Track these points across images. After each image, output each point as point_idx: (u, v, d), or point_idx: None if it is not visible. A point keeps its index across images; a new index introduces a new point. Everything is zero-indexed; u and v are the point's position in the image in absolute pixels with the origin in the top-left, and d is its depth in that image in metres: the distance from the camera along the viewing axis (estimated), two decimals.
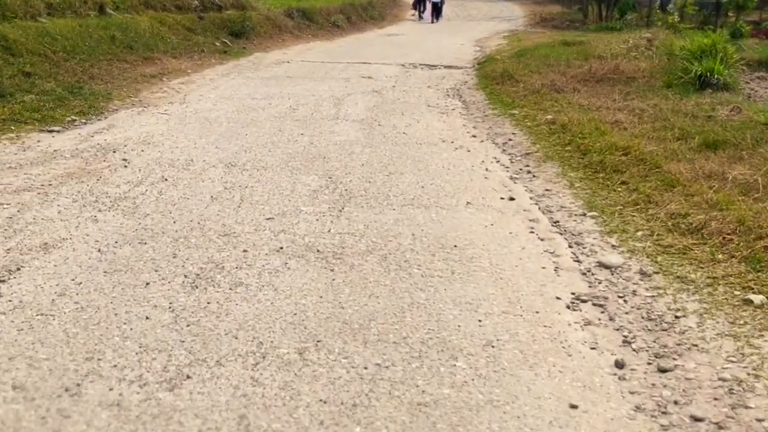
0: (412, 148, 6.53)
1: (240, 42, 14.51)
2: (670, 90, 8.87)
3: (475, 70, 12.73)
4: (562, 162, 5.96)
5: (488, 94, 9.87)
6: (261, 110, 8.26)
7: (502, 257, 3.85)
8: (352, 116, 8.07)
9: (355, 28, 21.12)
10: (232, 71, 11.50)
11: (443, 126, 7.68)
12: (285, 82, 10.48)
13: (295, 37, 16.92)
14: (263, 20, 16.14)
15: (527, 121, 7.69)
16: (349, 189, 5.14)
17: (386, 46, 17.06)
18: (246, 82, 10.45)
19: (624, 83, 9.76)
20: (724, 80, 8.70)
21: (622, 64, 10.57)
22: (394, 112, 8.37)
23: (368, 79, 11.25)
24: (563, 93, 9.17)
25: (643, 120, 7.41)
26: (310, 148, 6.43)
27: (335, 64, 12.91)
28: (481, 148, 6.64)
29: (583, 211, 4.71)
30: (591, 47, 13.85)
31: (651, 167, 5.47)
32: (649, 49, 13.08)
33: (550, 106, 8.29)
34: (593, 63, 10.98)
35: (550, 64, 12.15)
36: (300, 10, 18.53)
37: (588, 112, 7.85)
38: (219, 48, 13.45)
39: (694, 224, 4.18)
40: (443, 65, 13.51)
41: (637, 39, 14.08)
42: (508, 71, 11.03)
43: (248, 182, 5.24)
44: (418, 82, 11.18)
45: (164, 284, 3.37)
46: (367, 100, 9.15)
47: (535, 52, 14.03)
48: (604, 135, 6.54)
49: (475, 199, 4.99)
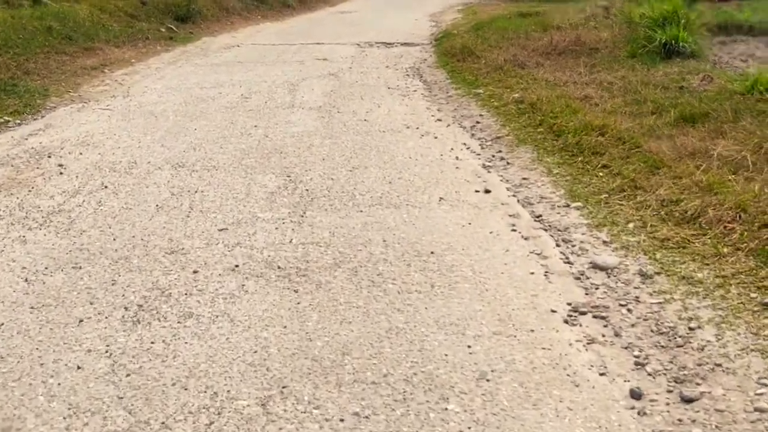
0: (375, 137, 6.09)
1: (187, 27, 13.80)
2: (635, 60, 8.54)
3: (434, 47, 12.27)
4: (537, 146, 5.58)
5: (449, 72, 9.44)
6: (211, 101, 7.71)
7: (485, 263, 3.45)
8: (309, 103, 7.58)
9: (306, 7, 20.42)
10: (179, 58, 10.86)
11: (406, 110, 7.24)
12: (236, 68, 9.90)
13: (244, 19, 16.23)
14: (210, 3, 15.42)
15: (494, 101, 7.29)
16: (310, 189, 4.69)
17: (340, 24, 16.48)
18: (194, 69, 9.85)
19: (587, 55, 9.41)
20: (690, 48, 8.40)
21: (583, 35, 10.22)
22: (353, 97, 7.90)
23: (323, 61, 10.72)
24: (527, 68, 8.79)
25: (613, 94, 7.07)
26: (265, 142, 5.95)
27: (288, 47, 12.33)
28: (449, 134, 6.23)
29: (566, 201, 4.34)
30: (548, 18, 13.47)
31: (631, 147, 5.13)
32: (607, 17, 12.76)
33: (515, 84, 7.90)
34: (553, 35, 10.61)
35: (509, 37, 11.75)
36: None
37: (555, 88, 7.48)
38: (164, 34, 12.74)
39: (689, 212, 3.83)
40: (400, 43, 13.02)
41: (594, 8, 13.76)
42: (468, 47, 10.60)
43: (198, 186, 4.76)
44: (376, 62, 10.69)
45: (101, 320, 2.90)
46: (324, 85, 8.65)
47: (492, 25, 13.61)
48: (577, 113, 6.18)
49: (448, 193, 4.58)
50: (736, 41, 10.67)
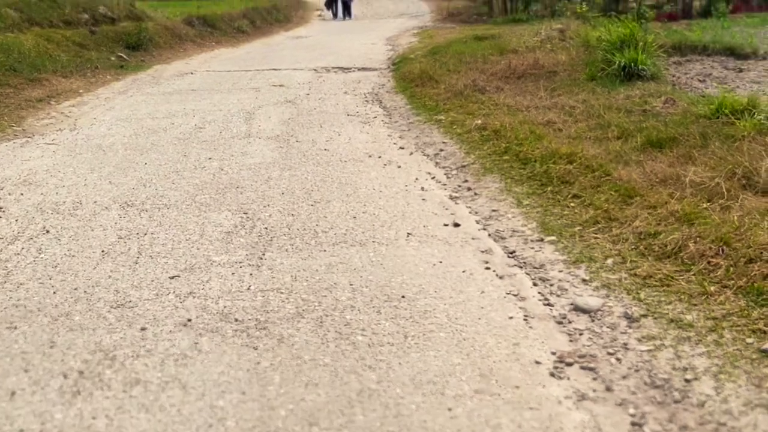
0: (336, 168, 5.85)
1: (138, 55, 13.44)
2: (595, 83, 8.49)
3: (391, 72, 12.13)
4: (503, 174, 5.40)
5: (409, 97, 9.27)
6: (163, 132, 7.39)
7: (461, 307, 3.21)
8: (266, 132, 7.31)
9: (260, 32, 20.20)
10: (129, 87, 10.49)
11: (367, 138, 7.02)
12: (189, 97, 9.58)
13: (197, 45, 15.91)
14: (162, 30, 15.07)
15: (456, 128, 7.11)
16: (269, 227, 4.41)
17: (296, 49, 16.27)
18: (145, 99, 9.50)
19: (546, 78, 9.34)
20: (649, 70, 8.38)
21: (541, 58, 10.17)
22: (311, 125, 7.66)
23: (280, 87, 10.47)
24: (487, 93, 8.66)
25: (576, 118, 6.96)
26: (220, 175, 5.65)
27: (243, 73, 12.06)
28: (412, 162, 6.01)
29: (539, 235, 4.14)
30: (504, 41, 13.50)
31: (600, 175, 4.97)
32: (563, 40, 12.81)
33: (477, 109, 7.75)
34: (511, 58, 10.55)
35: (467, 61, 11.68)
36: (201, 17, 17.49)
37: (517, 113, 7.35)
38: (115, 63, 12.36)
39: (668, 246, 3.66)
40: (357, 67, 12.85)
41: (549, 31, 13.81)
42: (426, 71, 10.46)
43: (148, 227, 4.44)
44: (334, 87, 10.48)
45: (36, 392, 2.57)
46: (281, 112, 8.39)
47: (449, 49, 13.55)
48: (541, 139, 6.03)
49: (416, 228, 4.35)
50: (691, 61, 10.77)
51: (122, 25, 14.31)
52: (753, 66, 9.94)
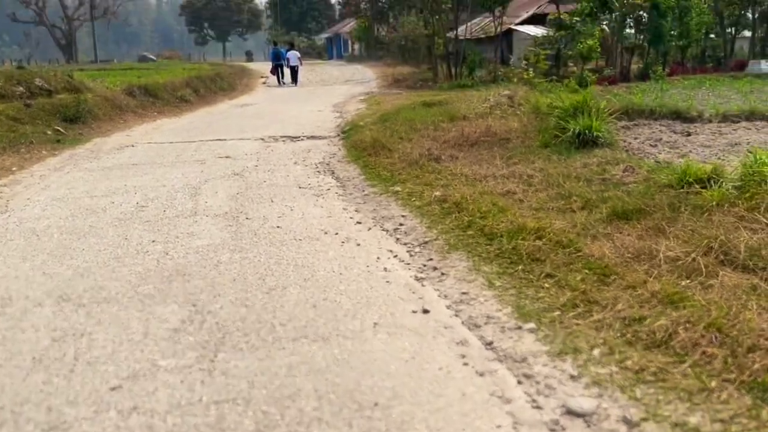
0: (291, 248, 5.50)
1: (76, 128, 12.96)
2: (549, 150, 8.44)
3: (342, 140, 11.94)
4: (470, 252, 5.13)
5: (362, 167, 9.04)
6: (102, 212, 6.94)
7: (442, 415, 2.87)
8: (213, 209, 6.93)
9: (204, 101, 19.94)
10: (66, 163, 10.00)
11: (321, 212, 6.72)
12: (130, 172, 9.16)
13: (138, 116, 15.51)
14: (101, 101, 14.66)
15: (415, 200, 6.87)
16: (220, 321, 4.01)
17: (241, 118, 16.02)
18: (83, 175, 9.03)
19: (499, 145, 9.27)
20: (603, 136, 8.36)
21: (493, 126, 10.13)
22: (261, 200, 7.32)
23: (226, 159, 10.14)
24: (442, 162, 8.50)
25: (536, 188, 6.81)
26: (164, 261, 5.23)
27: (187, 144, 11.69)
28: (372, 239, 5.71)
29: (516, 321, 3.85)
30: (453, 107, 13.53)
31: (572, 251, 4.76)
32: (512, 106, 12.90)
33: (434, 179, 7.54)
34: (463, 126, 10.50)
35: (418, 128, 11.59)
36: (142, 87, 17.15)
37: (476, 183, 7.17)
38: (51, 137, 11.85)
39: (657, 333, 3.41)
40: (306, 136, 12.64)
41: (498, 97, 13.93)
42: (379, 140, 10.29)
43: (85, 326, 3.99)
44: (283, 158, 10.20)
45: None
46: (229, 186, 8.04)
47: (398, 116, 13.50)
48: (505, 212, 5.82)
49: (382, 316, 4.01)
50: (639, 125, 10.89)
51: (60, 97, 13.86)
52: (700, 129, 10.08)
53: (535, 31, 29.33)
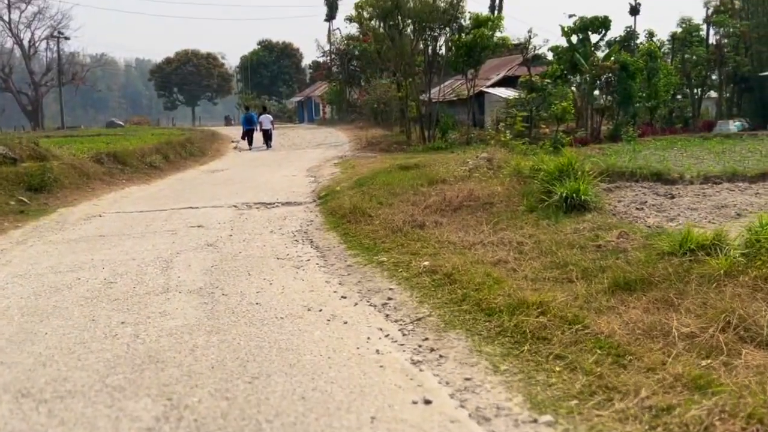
0: (273, 328, 5.08)
1: (41, 197, 12.45)
2: (536, 215, 8.18)
3: (318, 206, 11.62)
4: (469, 330, 4.76)
5: (342, 235, 8.68)
6: (67, 290, 6.46)
7: None
8: (187, 285, 6.50)
9: (174, 167, 19.54)
10: (30, 236, 9.48)
11: (303, 286, 6.32)
12: (98, 244, 8.68)
13: (106, 184, 15.05)
14: (68, 169, 14.20)
15: (402, 271, 6.51)
16: (199, 418, 3.56)
17: (213, 185, 15.65)
18: (48, 249, 8.53)
19: (483, 210, 9.01)
20: (591, 200, 8.14)
21: (475, 189, 9.89)
22: (238, 273, 6.91)
23: (199, 228, 9.73)
24: (427, 228, 8.20)
25: (528, 256, 6.52)
26: (135, 345, 4.77)
27: (157, 213, 11.26)
28: (359, 316, 5.32)
29: (530, 413, 3.47)
30: (431, 170, 13.32)
31: (579, 328, 4.42)
32: (491, 169, 12.73)
33: (420, 248, 7.21)
34: (445, 190, 10.25)
35: (397, 192, 11.34)
36: (111, 154, 16.75)
37: (465, 251, 6.85)
38: (14, 208, 11.33)
39: (691, 427, 3.05)
40: (280, 202, 12.29)
41: (476, 159, 13.79)
42: (357, 206, 9.98)
43: (47, 427, 3.51)
44: (258, 226, 9.82)
45: None
46: (202, 259, 7.62)
47: (375, 180, 13.26)
48: (500, 284, 5.49)
49: (380, 409, 3.60)
50: (620, 187, 10.75)
51: (24, 165, 13.39)
52: (683, 191, 9.96)
53: (506, 93, 29.74)
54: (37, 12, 51.77)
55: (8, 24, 50.75)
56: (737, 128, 25.01)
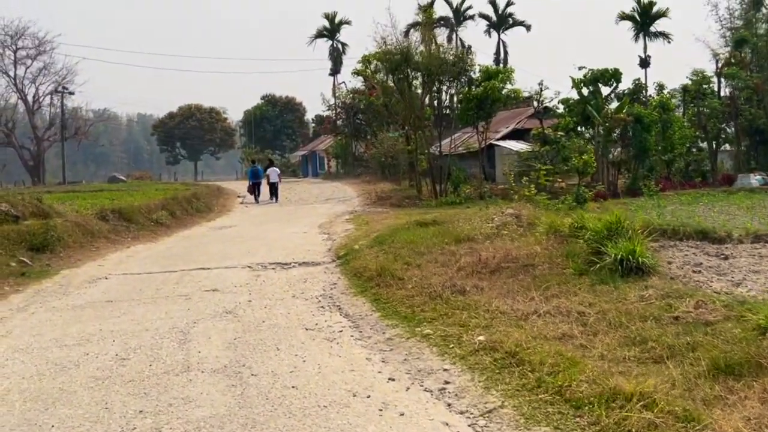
0: (317, 420, 4.32)
1: (44, 257, 11.71)
2: (588, 279, 7.45)
3: (339, 266, 10.88)
4: (558, 429, 3.99)
5: (373, 301, 7.94)
6: (74, 368, 5.72)
7: None
8: (210, 362, 5.75)
9: (181, 224, 18.83)
10: (32, 301, 8.72)
11: (341, 364, 5.56)
12: (106, 312, 7.93)
13: (111, 242, 14.32)
14: (72, 227, 13.49)
15: (453, 347, 5.76)
16: None
17: (223, 242, 14.93)
18: (51, 317, 7.77)
19: (524, 272, 8.29)
20: (648, 262, 7.43)
21: (512, 250, 9.18)
22: (265, 347, 6.16)
23: (214, 292, 8.99)
24: (468, 294, 7.46)
25: (595, 329, 5.78)
26: None
27: (168, 275, 10.53)
28: (416, 406, 4.55)
29: None
30: (453, 227, 12.64)
31: (695, 427, 3.66)
32: (521, 226, 12.05)
33: (467, 318, 6.46)
34: (478, 249, 9.55)
35: (422, 252, 10.65)
36: (116, 210, 16.08)
37: (519, 323, 6.11)
38: (15, 270, 10.58)
39: None
40: (297, 262, 11.56)
41: (501, 215, 13.11)
42: (384, 267, 9.25)
43: None
44: (278, 290, 9.08)
45: None
46: (223, 329, 6.87)
47: (395, 238, 12.56)
48: (577, 366, 4.75)
49: None
50: (665, 247, 10.02)
51: (27, 223, 12.70)
52: (735, 251, 9.24)
53: (517, 146, 29.31)
54: (42, 67, 51.79)
55: (13, 79, 50.76)
56: (759, 182, 24.44)
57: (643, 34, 41.97)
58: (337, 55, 51.17)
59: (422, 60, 24.10)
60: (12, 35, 49.69)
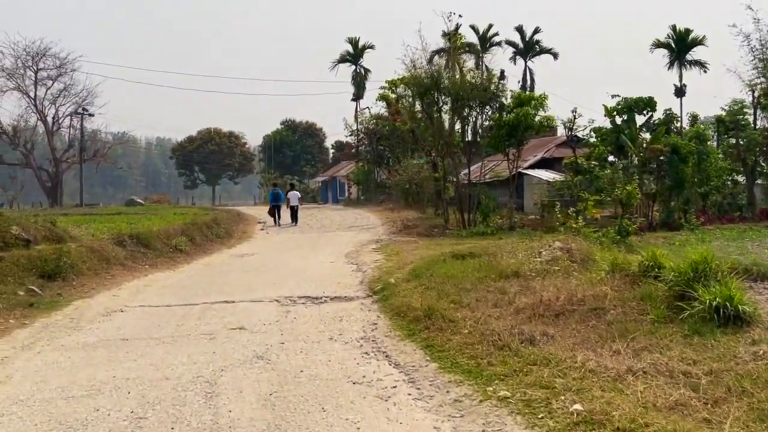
0: None
1: (55, 286, 10.79)
2: (675, 328, 6.42)
3: (376, 303, 9.88)
4: None
5: (425, 348, 6.92)
6: (82, 429, 4.76)
7: None
8: (244, 426, 4.79)
9: (201, 250, 17.93)
10: (38, 338, 7.77)
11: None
12: (120, 353, 6.98)
13: (128, 269, 13.41)
14: (86, 253, 12.59)
15: (543, 417, 4.71)
16: None
17: (246, 272, 13.98)
18: (59, 358, 6.82)
19: (595, 317, 7.27)
20: (749, 310, 6.39)
21: (577, 291, 8.14)
22: (308, 407, 5.18)
23: (241, 331, 8.03)
24: (538, 344, 6.43)
25: (710, 395, 4.75)
26: None
27: (189, 308, 9.58)
28: None
29: None
30: (496, 261, 11.61)
31: None
32: (573, 261, 11.00)
33: (550, 378, 5.40)
34: (536, 290, 8.53)
35: (467, 288, 9.64)
36: (133, 235, 15.18)
37: (616, 386, 5.07)
38: (23, 300, 9.65)
39: None
40: (328, 296, 10.57)
41: (549, 249, 12.06)
42: (431, 306, 8.22)
43: None
44: (312, 329, 8.10)
45: None
46: (256, 380, 5.90)
47: (432, 271, 11.57)
48: None
49: None
50: (742, 289, 8.93)
51: (38, 248, 11.82)
52: None
53: (546, 175, 28.32)
54: (62, 89, 51.47)
55: (33, 100, 50.41)
56: None
57: (678, 62, 41.06)
58: (360, 80, 50.50)
59: (452, 85, 23.26)
60: (33, 55, 49.46)
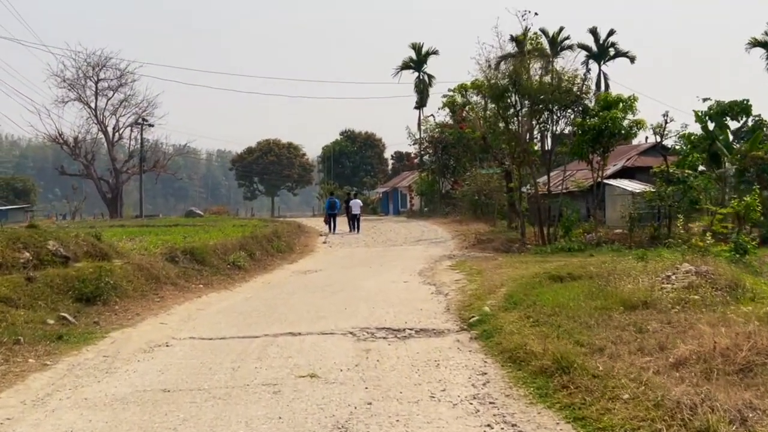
0: None
1: (93, 311, 9.20)
2: None
3: (474, 340, 7.96)
4: None
5: (573, 420, 4.97)
6: None
7: None
8: None
9: (260, 266, 16.32)
10: (57, 387, 6.09)
11: None
12: (157, 415, 5.25)
13: (179, 289, 11.81)
14: (133, 271, 11.02)
15: None
16: None
17: (312, 292, 12.24)
18: (75, 422, 5.13)
19: None
20: None
21: (762, 335, 6.08)
22: None
23: (312, 380, 6.26)
24: (751, 425, 4.42)
25: None
26: None
27: (247, 343, 7.86)
28: None
29: None
30: (611, 286, 9.56)
31: None
32: (717, 289, 8.86)
33: None
34: (705, 335, 6.47)
35: (588, 323, 7.73)
36: (187, 250, 13.61)
37: None
38: (51, 330, 8.02)
39: None
40: (413, 328, 8.72)
41: (677, 272, 9.93)
42: (561, 353, 6.26)
43: None
44: (404, 380, 6.26)
45: None
46: None
47: (533, 298, 9.67)
48: None
49: None
50: None
51: (77, 266, 10.28)
52: None
53: (631, 185, 25.90)
54: (123, 99, 51.25)
55: (94, 111, 50.29)
56: None
57: None
58: (423, 88, 48.68)
59: (531, 85, 21.21)
60: (94, 66, 49.36)
